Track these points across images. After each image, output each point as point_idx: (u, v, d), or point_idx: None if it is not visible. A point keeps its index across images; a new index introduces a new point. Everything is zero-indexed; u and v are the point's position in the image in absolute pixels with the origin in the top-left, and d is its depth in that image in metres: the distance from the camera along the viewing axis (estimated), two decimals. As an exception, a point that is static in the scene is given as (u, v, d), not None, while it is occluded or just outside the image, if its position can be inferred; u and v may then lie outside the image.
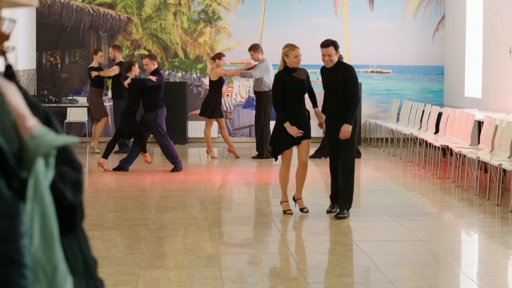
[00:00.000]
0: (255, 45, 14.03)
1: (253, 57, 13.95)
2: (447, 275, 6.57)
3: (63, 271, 2.11)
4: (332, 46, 8.71)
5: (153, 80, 12.19)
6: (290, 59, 8.79)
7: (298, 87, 8.83)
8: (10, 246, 1.97)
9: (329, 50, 8.69)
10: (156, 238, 7.81)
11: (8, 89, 2.16)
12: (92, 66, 14.74)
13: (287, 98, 8.81)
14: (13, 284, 1.97)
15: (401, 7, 17.03)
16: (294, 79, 8.84)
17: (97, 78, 14.59)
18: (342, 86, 8.67)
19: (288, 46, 8.88)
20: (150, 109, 12.20)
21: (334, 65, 8.76)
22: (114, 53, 14.74)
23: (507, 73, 13.41)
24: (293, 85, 8.82)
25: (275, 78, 8.93)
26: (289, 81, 8.80)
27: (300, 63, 8.86)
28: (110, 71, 14.55)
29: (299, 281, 6.29)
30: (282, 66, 8.88)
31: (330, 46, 8.70)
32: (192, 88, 16.89)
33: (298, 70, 8.91)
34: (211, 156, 14.19)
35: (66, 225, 2.21)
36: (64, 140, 2.11)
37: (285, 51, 8.83)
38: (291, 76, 8.85)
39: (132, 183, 11.29)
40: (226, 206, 9.90)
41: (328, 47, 8.71)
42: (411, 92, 17.18)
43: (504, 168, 9.61)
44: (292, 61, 8.80)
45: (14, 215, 1.98)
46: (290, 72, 8.86)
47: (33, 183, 2.05)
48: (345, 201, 8.70)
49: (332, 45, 8.72)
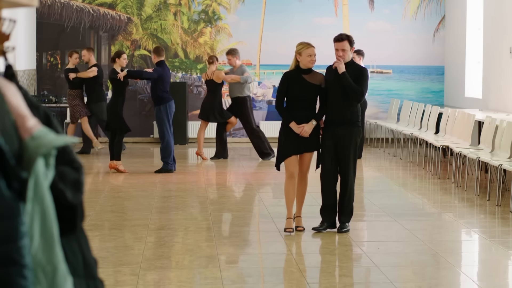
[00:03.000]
0: (234, 50, 13.90)
1: (231, 62, 13.76)
2: (447, 276, 6.57)
3: (63, 271, 2.11)
4: (346, 40, 7.98)
5: (149, 72, 12.20)
6: (303, 58, 7.86)
7: (307, 93, 7.89)
8: (11, 246, 1.97)
9: (343, 44, 7.93)
10: (156, 238, 7.81)
11: (8, 89, 2.16)
12: (69, 68, 14.58)
13: (291, 102, 7.95)
14: (13, 284, 1.97)
15: (401, 7, 17.03)
16: (304, 83, 7.89)
17: (75, 80, 14.40)
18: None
19: (302, 43, 7.97)
20: (157, 103, 12.27)
21: (346, 64, 7.94)
22: (89, 56, 14.56)
23: (507, 73, 13.41)
24: (301, 88, 7.88)
25: (282, 77, 8.07)
26: (297, 84, 7.88)
27: (314, 63, 7.93)
28: (89, 72, 14.36)
29: (299, 281, 6.29)
30: (294, 66, 7.95)
31: (345, 40, 7.97)
32: (192, 88, 16.89)
33: (312, 73, 7.95)
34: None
35: (66, 226, 2.21)
36: (64, 140, 2.11)
37: (298, 48, 7.91)
38: (301, 78, 7.90)
39: (132, 184, 11.29)
40: (226, 206, 9.89)
41: (342, 41, 7.96)
42: (412, 92, 17.18)
43: (505, 168, 9.61)
44: (305, 60, 7.86)
45: (14, 216, 1.98)
46: (301, 73, 7.93)
47: (33, 183, 2.05)
48: (347, 216, 8.02)
49: (346, 39, 7.99)
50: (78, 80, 14.49)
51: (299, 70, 7.92)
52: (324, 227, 8.00)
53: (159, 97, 12.18)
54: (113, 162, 12.33)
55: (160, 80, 12.15)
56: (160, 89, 12.17)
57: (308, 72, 7.92)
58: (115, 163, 12.32)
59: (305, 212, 8.20)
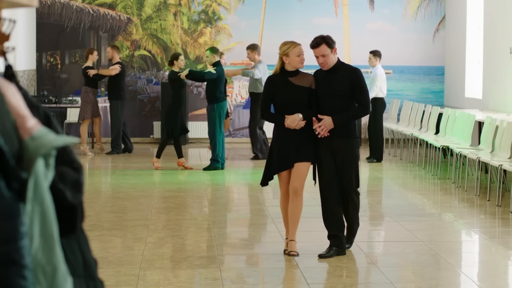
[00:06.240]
0: (254, 45, 14.01)
1: (249, 56, 13.92)
2: (447, 276, 6.57)
3: (63, 271, 2.10)
4: (323, 44, 6.84)
5: (213, 72, 12.37)
6: (292, 58, 6.89)
7: (296, 97, 6.91)
8: (10, 247, 1.97)
9: (321, 49, 6.83)
10: (156, 239, 7.81)
11: (8, 90, 2.15)
12: (88, 66, 14.70)
13: (279, 109, 6.98)
14: (13, 284, 1.96)
15: (401, 8, 17.03)
16: (291, 86, 6.93)
17: (95, 77, 14.56)
18: (345, 94, 6.88)
19: (287, 43, 7.01)
20: (210, 102, 12.55)
21: (334, 67, 6.92)
22: (113, 53, 14.71)
23: (507, 74, 13.41)
24: (289, 93, 6.92)
25: (266, 82, 7.14)
26: (284, 88, 6.91)
27: (303, 63, 6.98)
28: (112, 70, 14.52)
29: (300, 282, 6.29)
30: (279, 69, 6.99)
31: (321, 44, 6.84)
32: (192, 88, 16.88)
33: (300, 75, 6.99)
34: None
35: (66, 226, 2.21)
36: (64, 140, 2.10)
37: (284, 49, 6.94)
38: (287, 82, 6.94)
39: (132, 184, 11.29)
40: (226, 206, 9.89)
41: (318, 46, 6.85)
42: (412, 92, 17.19)
43: (505, 169, 9.61)
44: (294, 61, 6.90)
45: (14, 216, 1.98)
46: (287, 76, 6.97)
47: (33, 183, 2.04)
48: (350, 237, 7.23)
49: (323, 42, 6.85)
50: (98, 78, 14.62)
51: (284, 73, 6.97)
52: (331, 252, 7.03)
53: (215, 96, 12.46)
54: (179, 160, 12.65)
55: (219, 80, 12.35)
56: (218, 89, 12.44)
57: (295, 74, 6.97)
58: (181, 161, 12.66)
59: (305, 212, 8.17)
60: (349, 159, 6.92)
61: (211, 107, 12.52)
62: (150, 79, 16.95)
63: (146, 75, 16.94)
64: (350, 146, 6.94)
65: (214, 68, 12.40)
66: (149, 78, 16.95)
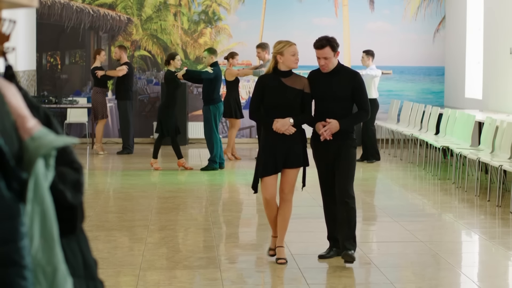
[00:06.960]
0: (264, 44, 13.94)
1: (259, 55, 13.84)
2: (447, 276, 6.57)
3: (63, 272, 2.10)
4: (328, 46, 6.72)
5: (210, 72, 12.35)
6: (286, 57, 6.67)
7: (287, 99, 6.68)
8: (10, 247, 1.97)
9: (324, 52, 6.71)
10: (156, 239, 7.81)
11: (8, 90, 2.15)
12: (96, 66, 14.75)
13: (269, 110, 6.73)
14: (13, 285, 1.96)
15: (401, 8, 17.03)
16: (283, 87, 6.69)
17: (103, 78, 14.62)
18: (345, 98, 6.76)
19: (282, 42, 6.79)
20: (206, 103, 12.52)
21: (334, 70, 6.81)
22: (120, 53, 14.72)
23: (507, 74, 13.41)
24: (280, 94, 6.68)
25: (257, 81, 6.85)
26: (276, 89, 6.69)
27: (298, 63, 6.76)
28: (119, 71, 14.54)
29: (300, 282, 6.29)
30: (271, 69, 6.76)
31: (326, 47, 6.71)
32: (192, 89, 16.88)
33: (293, 77, 6.76)
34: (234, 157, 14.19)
35: (66, 226, 2.21)
36: (64, 141, 2.10)
37: (278, 48, 6.72)
38: (279, 83, 6.71)
39: (132, 184, 11.29)
40: (226, 207, 9.89)
41: (323, 48, 6.72)
42: (412, 93, 17.19)
43: (505, 169, 9.61)
44: (289, 61, 6.68)
45: (14, 216, 1.98)
46: (280, 76, 6.74)
47: (33, 184, 2.05)
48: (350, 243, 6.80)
49: (328, 45, 6.72)
50: (105, 78, 14.66)
51: (277, 73, 6.74)
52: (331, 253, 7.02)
53: (211, 97, 12.44)
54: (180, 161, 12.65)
55: (216, 80, 12.33)
56: (214, 90, 12.43)
57: (287, 75, 6.74)
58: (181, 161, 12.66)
59: (305, 212, 8.18)
60: (347, 162, 6.76)
61: (207, 108, 12.48)
62: (150, 79, 16.96)
63: (146, 75, 16.95)
64: (347, 147, 6.80)
65: (211, 68, 12.39)
66: (149, 79, 16.96)
